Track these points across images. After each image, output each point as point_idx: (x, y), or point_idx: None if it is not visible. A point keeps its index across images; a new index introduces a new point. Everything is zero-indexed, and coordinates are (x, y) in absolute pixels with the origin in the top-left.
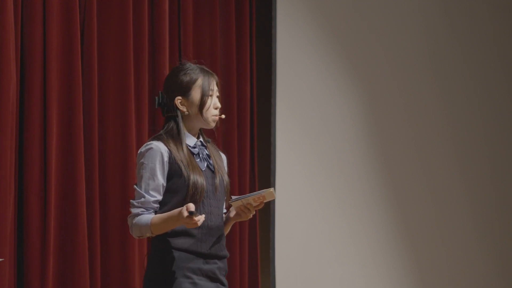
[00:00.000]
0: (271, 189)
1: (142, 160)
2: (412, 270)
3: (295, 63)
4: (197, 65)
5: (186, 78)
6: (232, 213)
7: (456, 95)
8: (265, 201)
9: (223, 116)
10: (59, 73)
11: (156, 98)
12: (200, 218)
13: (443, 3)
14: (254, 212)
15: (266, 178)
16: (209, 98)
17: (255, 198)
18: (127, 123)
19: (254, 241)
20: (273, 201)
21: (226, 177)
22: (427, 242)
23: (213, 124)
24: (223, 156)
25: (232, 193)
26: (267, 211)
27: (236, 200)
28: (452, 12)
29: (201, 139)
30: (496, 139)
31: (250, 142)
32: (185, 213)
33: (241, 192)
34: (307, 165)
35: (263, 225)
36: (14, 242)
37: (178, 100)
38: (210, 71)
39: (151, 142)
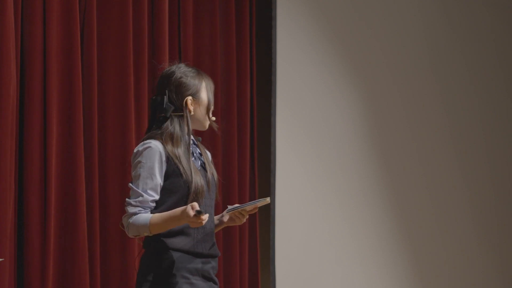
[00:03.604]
0: (268, 199)
1: (139, 159)
2: (412, 270)
3: (295, 63)
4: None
5: (195, 80)
6: (226, 217)
7: (456, 95)
8: (258, 206)
9: (214, 118)
10: (59, 73)
11: (165, 97)
12: (205, 218)
13: (443, 3)
14: (248, 216)
15: (266, 178)
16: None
17: (250, 207)
18: (127, 123)
19: (254, 241)
20: (273, 201)
21: (215, 174)
22: (427, 242)
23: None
24: (208, 153)
25: (231, 193)
26: (267, 211)
27: (233, 209)
28: (452, 12)
29: (192, 137)
30: (496, 139)
31: (250, 142)
32: (192, 212)
33: (240, 192)
34: (307, 165)
35: (263, 225)
36: (14, 242)
37: (189, 99)
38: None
39: (149, 141)
